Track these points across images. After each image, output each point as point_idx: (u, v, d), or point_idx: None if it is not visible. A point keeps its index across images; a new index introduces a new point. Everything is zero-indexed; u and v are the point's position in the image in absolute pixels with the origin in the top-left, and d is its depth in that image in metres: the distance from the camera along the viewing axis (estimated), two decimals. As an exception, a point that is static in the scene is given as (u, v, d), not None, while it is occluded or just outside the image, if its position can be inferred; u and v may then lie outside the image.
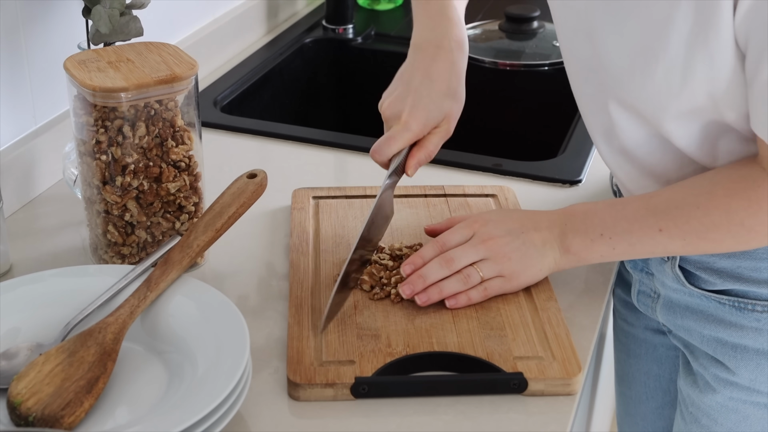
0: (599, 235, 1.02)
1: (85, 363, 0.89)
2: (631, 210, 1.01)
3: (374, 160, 1.10)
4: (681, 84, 0.93)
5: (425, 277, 1.03)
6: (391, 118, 1.11)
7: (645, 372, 1.30)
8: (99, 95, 1.01)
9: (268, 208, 1.23)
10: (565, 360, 0.96)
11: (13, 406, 0.85)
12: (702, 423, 1.14)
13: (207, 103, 1.52)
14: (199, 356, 0.90)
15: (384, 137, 1.09)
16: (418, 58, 1.14)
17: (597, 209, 1.03)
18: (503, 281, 1.04)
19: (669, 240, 0.99)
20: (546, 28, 1.85)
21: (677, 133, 0.98)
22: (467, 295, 1.03)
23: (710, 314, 1.09)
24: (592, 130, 1.08)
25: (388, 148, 1.09)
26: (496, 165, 1.36)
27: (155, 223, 1.08)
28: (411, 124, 1.09)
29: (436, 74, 1.12)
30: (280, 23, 1.88)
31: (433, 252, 1.05)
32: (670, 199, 0.99)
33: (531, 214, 1.07)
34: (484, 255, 1.03)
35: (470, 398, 0.94)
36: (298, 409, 0.92)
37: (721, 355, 1.09)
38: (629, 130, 1.02)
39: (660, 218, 0.99)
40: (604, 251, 1.02)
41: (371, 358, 0.95)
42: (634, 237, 1.00)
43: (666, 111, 0.96)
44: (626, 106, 1.00)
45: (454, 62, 1.13)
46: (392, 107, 1.11)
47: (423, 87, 1.11)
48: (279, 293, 1.08)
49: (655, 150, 1.02)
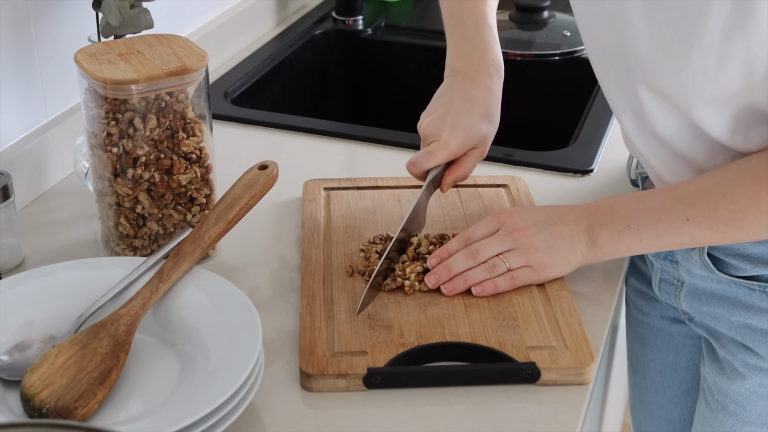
0: (626, 226, 1.01)
1: (98, 355, 0.89)
2: (658, 201, 1.01)
3: (410, 172, 1.14)
4: (716, 70, 0.92)
5: (450, 268, 1.04)
6: (430, 135, 1.14)
7: (661, 361, 1.30)
8: (110, 87, 1.01)
9: (279, 199, 1.23)
10: (577, 349, 0.96)
11: (26, 398, 0.85)
12: (730, 410, 1.13)
13: (217, 96, 1.52)
14: (211, 347, 0.91)
15: (423, 151, 1.13)
16: (457, 81, 1.18)
17: (623, 201, 1.03)
18: (531, 271, 1.04)
19: (696, 229, 0.98)
20: (556, 18, 1.84)
21: (709, 120, 0.97)
22: (494, 282, 1.03)
23: (739, 300, 1.08)
24: (620, 114, 1.07)
25: (426, 162, 1.12)
26: (508, 155, 1.36)
27: (167, 215, 1.08)
28: (450, 142, 1.12)
29: (476, 98, 1.16)
30: (290, 15, 1.88)
31: (458, 245, 1.06)
32: (697, 188, 0.99)
33: (556, 208, 1.07)
34: (511, 245, 1.04)
35: (483, 388, 0.93)
36: (310, 400, 0.92)
37: (750, 341, 1.09)
38: (660, 115, 1.01)
39: (687, 208, 0.98)
40: (631, 243, 1.02)
41: (383, 349, 0.95)
42: (661, 227, 1.00)
43: (699, 97, 0.95)
44: (657, 92, 0.99)
45: (492, 88, 1.18)
46: (432, 126, 1.14)
47: (463, 109, 1.15)
48: (291, 285, 1.08)
49: (686, 136, 1.01)
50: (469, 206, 1.21)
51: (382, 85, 1.87)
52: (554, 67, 1.74)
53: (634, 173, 1.25)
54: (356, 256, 1.10)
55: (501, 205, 1.21)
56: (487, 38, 1.20)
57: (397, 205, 1.21)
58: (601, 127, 1.44)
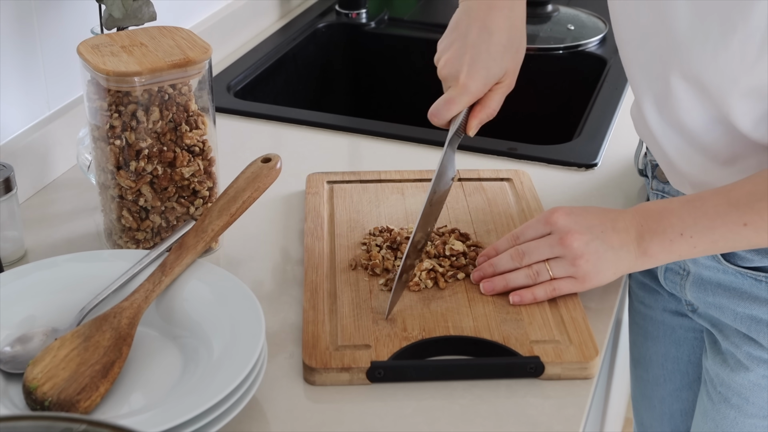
0: (679, 234, 0.97)
1: (100, 348, 0.89)
2: (711, 206, 0.96)
3: (432, 122, 1.06)
4: (757, 57, 0.90)
5: (495, 266, 1.02)
6: (449, 77, 1.06)
7: (663, 354, 1.29)
8: (113, 80, 1.01)
9: (282, 193, 1.23)
10: (581, 344, 0.95)
11: (29, 391, 0.85)
12: (732, 402, 1.13)
13: (221, 89, 1.52)
14: (214, 341, 0.90)
15: (442, 99, 1.05)
16: (472, 6, 1.08)
17: (672, 207, 0.98)
18: (573, 283, 1.00)
19: (755, 233, 0.95)
20: (561, 12, 1.83)
21: (739, 111, 0.95)
22: (532, 292, 1.00)
23: (745, 291, 1.08)
24: (642, 97, 1.04)
25: (447, 111, 1.04)
26: (511, 149, 1.35)
27: (169, 208, 1.08)
28: (470, 85, 1.04)
29: (495, 25, 1.06)
30: (294, 8, 1.88)
31: (507, 244, 1.03)
32: (751, 191, 0.95)
33: (608, 212, 1.01)
34: (559, 253, 0.99)
35: (486, 382, 0.93)
36: (313, 394, 0.92)
37: (755, 332, 1.09)
38: (686, 101, 0.98)
39: (744, 212, 0.95)
40: (683, 251, 0.98)
41: (387, 343, 0.95)
42: (716, 234, 0.96)
43: (734, 85, 0.93)
44: (689, 78, 0.96)
45: (512, 8, 1.08)
46: (449, 66, 1.06)
47: (481, 41, 1.05)
48: (294, 278, 1.08)
49: (709, 124, 0.99)
50: (472, 200, 1.20)
51: (385, 78, 1.87)
52: (558, 60, 1.74)
53: (642, 162, 1.22)
54: (359, 250, 1.10)
55: (505, 199, 1.20)
56: None
57: (400, 199, 1.20)
58: (605, 121, 1.44)
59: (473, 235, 1.13)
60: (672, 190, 1.13)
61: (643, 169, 1.22)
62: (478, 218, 1.16)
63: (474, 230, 1.14)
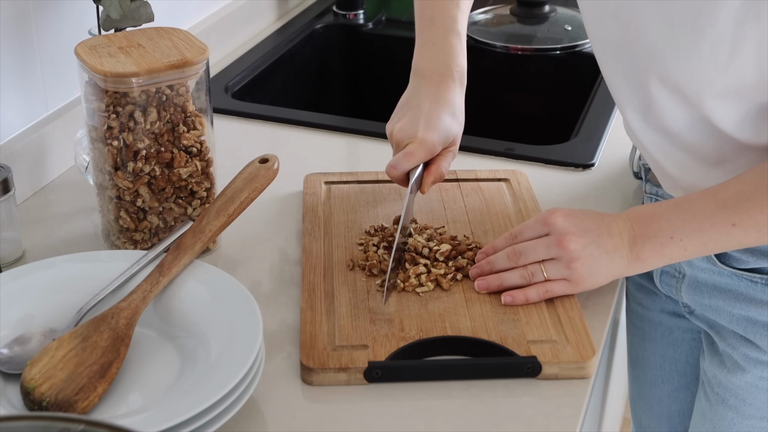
0: (669, 238, 0.98)
1: (98, 348, 0.89)
2: (699, 208, 0.97)
3: (390, 176, 1.12)
4: (728, 59, 0.91)
5: (492, 265, 1.03)
6: (405, 138, 1.13)
7: (660, 355, 1.30)
8: (110, 80, 1.01)
9: (279, 193, 1.23)
10: (579, 343, 0.96)
11: (26, 391, 0.85)
12: (729, 404, 1.13)
13: (218, 90, 1.52)
14: (212, 341, 0.90)
15: (401, 153, 1.12)
16: (423, 84, 1.18)
17: (661, 211, 0.99)
18: (566, 285, 1.01)
19: (744, 233, 0.96)
20: (558, 12, 1.84)
21: (719, 112, 0.96)
22: (525, 294, 1.01)
23: (741, 293, 1.08)
24: (624, 106, 1.06)
25: (406, 163, 1.11)
26: (509, 149, 1.35)
27: (167, 209, 1.08)
28: (427, 140, 1.11)
29: (443, 99, 1.16)
30: (291, 9, 1.88)
31: (504, 242, 1.05)
32: (738, 191, 0.96)
33: (602, 216, 1.02)
34: (556, 255, 1.00)
35: (484, 382, 0.93)
36: (311, 394, 0.92)
37: (751, 334, 1.09)
38: (668, 107, 0.99)
39: (732, 212, 0.95)
40: (674, 254, 0.98)
41: (384, 343, 0.95)
42: (706, 236, 0.97)
43: (710, 87, 0.94)
44: (667, 84, 0.97)
45: (456, 90, 1.18)
46: (404, 130, 1.14)
47: (433, 110, 1.14)
48: (291, 279, 1.08)
49: (694, 127, 1.00)
50: (470, 200, 1.20)
51: (383, 79, 1.87)
52: (555, 61, 1.74)
53: (637, 165, 1.23)
54: (356, 250, 1.10)
55: (502, 200, 1.21)
56: (454, 44, 1.20)
57: (397, 200, 1.21)
58: (602, 121, 1.44)
59: (471, 236, 1.13)
60: (665, 193, 1.13)
61: (638, 171, 1.23)
62: (476, 218, 1.17)
63: (471, 230, 1.14)
